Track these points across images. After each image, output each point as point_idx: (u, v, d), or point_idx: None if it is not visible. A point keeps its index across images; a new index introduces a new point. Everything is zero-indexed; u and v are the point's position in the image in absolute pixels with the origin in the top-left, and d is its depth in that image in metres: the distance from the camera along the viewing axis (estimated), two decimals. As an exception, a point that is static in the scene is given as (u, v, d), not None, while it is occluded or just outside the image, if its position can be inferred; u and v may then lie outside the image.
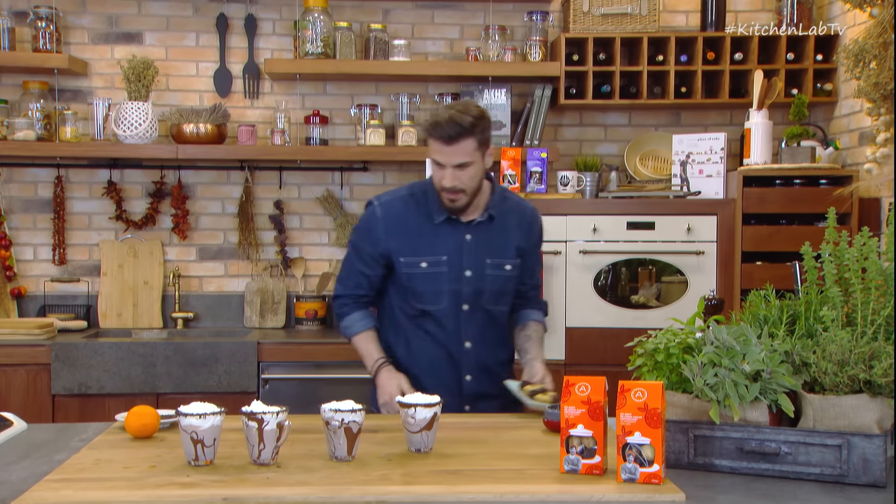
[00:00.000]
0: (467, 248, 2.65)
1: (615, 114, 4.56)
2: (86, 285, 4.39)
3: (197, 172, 4.44)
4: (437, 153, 2.53)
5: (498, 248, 2.68)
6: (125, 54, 4.28)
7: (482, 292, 2.67)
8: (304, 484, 1.79)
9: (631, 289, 4.00)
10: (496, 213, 2.67)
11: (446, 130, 2.48)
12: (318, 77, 4.39)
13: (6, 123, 4.14)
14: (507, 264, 2.69)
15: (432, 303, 2.66)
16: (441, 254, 2.64)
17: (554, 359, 3.90)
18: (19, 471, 1.90)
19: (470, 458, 2.00)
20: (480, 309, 2.68)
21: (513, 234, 2.71)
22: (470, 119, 2.49)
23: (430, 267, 2.64)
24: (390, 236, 2.65)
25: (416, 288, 2.65)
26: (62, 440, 2.18)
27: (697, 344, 1.97)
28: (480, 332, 2.69)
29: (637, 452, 1.77)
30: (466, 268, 2.65)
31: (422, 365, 2.70)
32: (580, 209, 3.97)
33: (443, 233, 2.64)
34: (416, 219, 2.65)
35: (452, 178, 2.53)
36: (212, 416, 1.92)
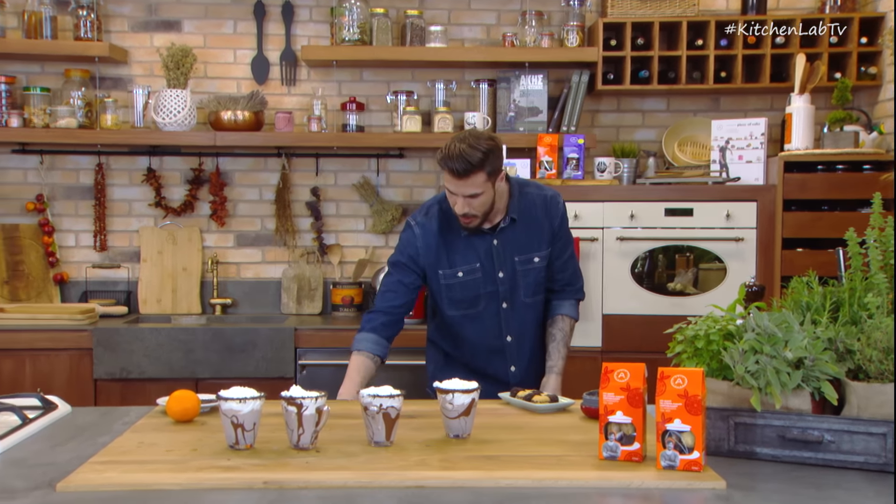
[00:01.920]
0: (496, 252, 2.80)
1: (653, 99, 4.51)
2: (126, 271, 4.45)
3: (235, 159, 4.47)
4: (449, 183, 2.66)
5: (524, 244, 2.81)
6: (164, 42, 4.32)
7: (517, 289, 2.82)
8: (343, 468, 1.80)
9: (668, 276, 3.97)
10: (517, 214, 2.80)
11: (456, 165, 2.59)
12: (355, 64, 4.40)
13: (49, 111, 4.20)
14: (535, 257, 2.82)
15: (472, 306, 2.83)
16: (474, 262, 2.80)
17: (590, 346, 3.90)
18: (65, 453, 1.93)
19: (508, 444, 2.00)
20: (519, 304, 2.83)
21: (538, 227, 2.82)
22: (479, 155, 2.58)
23: (466, 275, 2.80)
24: (429, 252, 2.80)
25: (455, 295, 2.82)
26: (105, 423, 2.21)
27: (738, 331, 1.95)
28: (520, 326, 2.85)
29: (677, 439, 1.75)
30: (499, 270, 2.80)
31: (468, 357, 2.89)
32: (617, 196, 3.95)
33: (473, 242, 2.80)
34: (449, 234, 2.81)
35: (464, 205, 2.68)
36: (252, 400, 1.94)
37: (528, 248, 2.81)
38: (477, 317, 2.84)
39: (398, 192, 4.53)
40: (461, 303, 2.83)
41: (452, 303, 2.83)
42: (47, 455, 1.92)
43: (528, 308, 2.85)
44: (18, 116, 4.16)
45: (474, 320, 2.84)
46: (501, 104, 4.37)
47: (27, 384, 3.78)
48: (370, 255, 4.49)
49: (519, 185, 2.85)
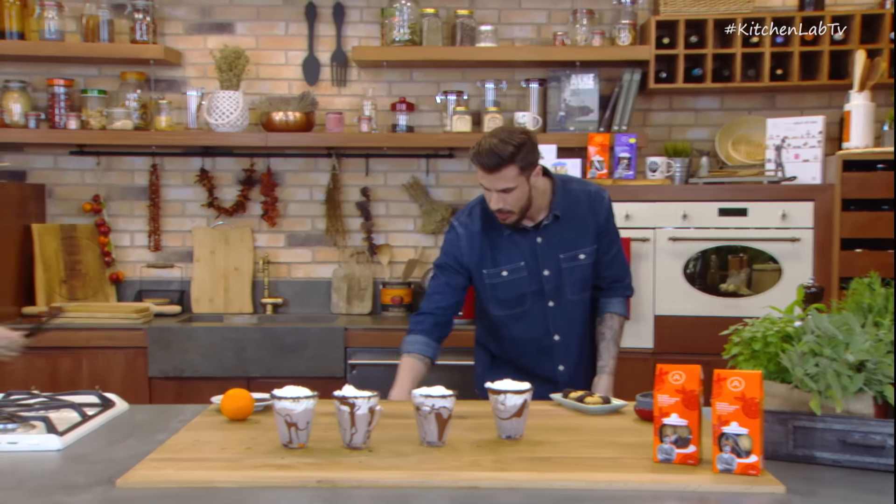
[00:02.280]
0: (541, 250, 2.78)
1: (706, 98, 4.46)
2: (179, 271, 4.52)
3: (286, 160, 4.52)
4: (482, 179, 2.65)
5: (568, 242, 2.78)
6: (217, 44, 4.38)
7: (563, 286, 2.80)
8: (396, 468, 1.81)
9: (720, 277, 3.92)
10: (560, 211, 2.77)
11: (486, 160, 2.59)
12: (405, 64, 4.42)
13: (105, 113, 4.29)
14: (580, 254, 2.79)
15: (518, 305, 2.81)
16: (518, 260, 2.78)
17: (642, 347, 3.86)
18: (123, 450, 1.97)
19: (561, 446, 1.99)
20: (566, 302, 2.81)
21: (583, 223, 2.80)
22: (510, 149, 2.57)
23: (510, 274, 2.79)
24: (472, 252, 2.80)
25: (500, 295, 2.81)
26: (161, 421, 2.25)
27: (797, 333, 1.91)
28: (567, 324, 2.83)
29: (734, 443, 1.73)
30: (543, 268, 2.78)
31: (516, 357, 2.88)
32: (670, 195, 3.91)
33: (516, 241, 2.78)
34: (493, 233, 2.79)
35: (498, 201, 2.66)
36: (305, 399, 1.95)
37: (573, 244, 2.79)
38: (523, 316, 2.82)
39: (448, 192, 4.53)
40: (507, 302, 2.81)
41: (498, 302, 2.82)
42: (106, 451, 1.96)
43: (575, 306, 2.83)
44: (76, 118, 4.26)
45: (520, 319, 2.83)
46: (552, 104, 4.35)
47: (84, 381, 3.86)
48: (420, 255, 4.50)
49: (562, 182, 2.83)
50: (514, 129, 2.66)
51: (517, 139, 2.60)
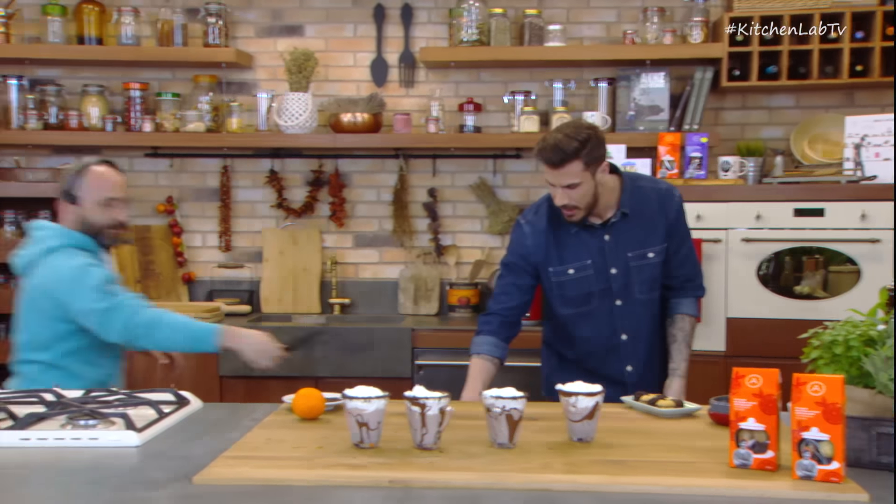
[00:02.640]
0: (608, 248, 2.75)
1: (781, 95, 4.37)
2: (249, 271, 4.60)
3: (353, 161, 4.56)
4: (547, 175, 2.64)
5: (637, 240, 2.75)
6: (287, 47, 4.44)
7: (631, 285, 2.76)
8: (467, 469, 1.81)
9: (795, 278, 3.83)
10: (629, 208, 2.74)
11: (550, 156, 2.57)
12: (473, 64, 4.42)
13: (179, 116, 4.39)
14: (649, 252, 2.76)
15: (585, 304, 2.79)
16: (585, 258, 2.75)
17: (714, 350, 3.81)
18: (198, 447, 2.01)
19: (634, 449, 1.97)
20: (634, 301, 2.77)
21: (653, 221, 2.76)
22: (575, 144, 2.55)
23: (577, 272, 2.76)
24: (537, 250, 2.78)
25: (567, 293, 2.79)
26: (234, 419, 2.28)
27: (880, 336, 1.86)
28: (636, 324, 2.79)
29: (814, 449, 1.69)
30: (611, 266, 2.75)
31: (583, 357, 2.85)
32: (743, 196, 3.84)
33: (584, 239, 2.76)
34: (559, 231, 2.77)
35: (563, 197, 2.64)
36: (376, 399, 1.97)
37: (642, 243, 2.75)
38: (590, 315, 2.79)
39: (515, 192, 4.53)
40: (573, 300, 2.79)
41: (564, 301, 2.80)
42: (183, 448, 2.00)
43: (644, 305, 2.79)
44: (151, 121, 4.36)
45: (587, 318, 2.80)
46: (621, 103, 4.31)
47: (158, 380, 3.95)
48: (487, 255, 4.50)
49: (631, 180, 2.79)
50: (580, 123, 2.64)
51: (583, 134, 2.58)
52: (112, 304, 2.61)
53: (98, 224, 2.78)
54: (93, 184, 2.76)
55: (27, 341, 2.73)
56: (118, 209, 2.80)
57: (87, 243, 2.77)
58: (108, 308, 2.60)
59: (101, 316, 2.61)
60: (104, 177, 2.79)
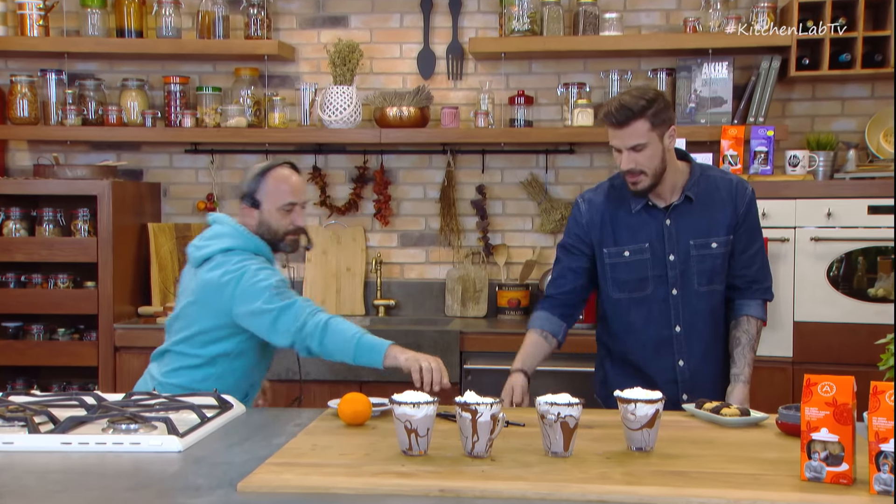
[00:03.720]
0: (668, 233, 2.73)
1: (855, 85, 4.30)
2: (291, 270, 4.63)
3: (399, 157, 4.58)
4: (612, 137, 2.64)
5: (701, 227, 2.73)
6: (331, 38, 4.47)
7: (690, 274, 2.73)
8: (520, 479, 1.81)
9: (868, 280, 3.77)
10: (694, 193, 2.72)
11: (615, 115, 2.59)
12: (524, 56, 4.41)
13: (219, 110, 4.44)
14: (713, 242, 2.73)
15: (638, 289, 2.76)
16: (643, 241, 2.74)
17: (780, 355, 3.76)
18: (241, 453, 2.03)
19: (696, 460, 1.96)
20: (692, 292, 2.74)
21: (719, 210, 2.74)
22: (642, 103, 2.58)
23: (632, 255, 2.75)
24: (593, 228, 2.78)
25: (620, 276, 2.77)
26: (278, 424, 2.31)
27: (964, 343, 1.82)
28: (691, 316, 2.75)
29: (894, 462, 1.66)
30: (669, 252, 2.73)
31: (635, 351, 2.81)
32: (812, 192, 3.79)
33: (643, 220, 2.74)
34: (617, 210, 2.77)
35: (628, 160, 2.62)
36: (425, 405, 1.97)
37: (705, 231, 2.73)
38: (644, 301, 2.76)
39: (568, 189, 4.51)
40: (626, 284, 2.77)
41: (617, 283, 2.78)
42: (225, 454, 2.03)
43: (702, 298, 2.75)
44: (191, 116, 4.42)
45: (641, 305, 2.77)
46: (681, 94, 4.27)
47: (198, 382, 4.00)
48: (537, 255, 4.49)
49: (701, 168, 2.80)
50: (645, 87, 2.67)
51: (649, 94, 2.61)
52: (286, 305, 2.64)
53: (278, 230, 2.84)
54: (274, 188, 2.81)
55: (187, 334, 2.76)
56: (297, 214, 2.86)
57: (264, 249, 2.83)
58: (282, 308, 2.63)
59: (275, 316, 2.63)
60: (286, 181, 2.84)
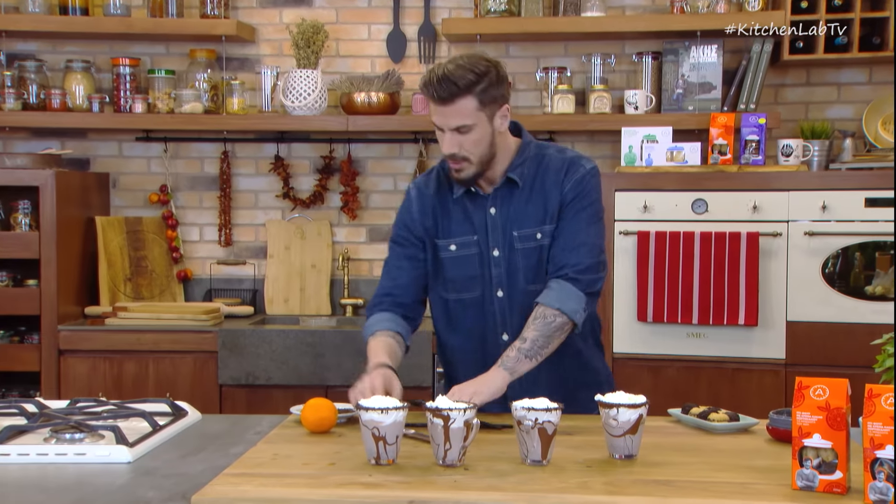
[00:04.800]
0: (492, 224, 2.52)
1: (851, 70, 4.34)
2: (252, 268, 4.62)
3: (368, 146, 4.57)
4: (433, 114, 2.42)
5: (525, 216, 2.51)
6: (294, 18, 4.45)
7: (515, 272, 2.52)
8: (495, 489, 1.81)
9: (866, 277, 3.81)
10: (519, 175, 2.50)
11: (437, 90, 2.36)
12: (501, 38, 4.41)
13: (173, 95, 4.41)
14: (537, 233, 2.50)
15: (466, 290, 2.57)
16: (469, 233, 2.54)
17: (772, 357, 3.80)
18: (197, 463, 2.02)
19: (682, 468, 1.97)
20: (519, 292, 2.53)
21: (549, 193, 2.51)
22: (470, 77, 2.34)
23: (458, 249, 2.56)
24: (425, 216, 2.58)
25: (447, 273, 2.57)
26: (237, 432, 2.30)
27: (963, 343, 1.85)
28: (522, 321, 2.47)
29: (890, 470, 1.68)
30: (493, 246, 2.53)
31: (462, 361, 2.62)
32: (806, 183, 3.82)
33: (467, 209, 2.54)
34: (443, 196, 2.58)
35: (451, 143, 2.41)
36: (394, 411, 1.97)
37: (531, 220, 2.50)
38: (472, 304, 2.55)
39: (548, 180, 4.51)
40: (454, 283, 2.56)
41: (445, 283, 2.58)
42: (179, 465, 2.01)
43: (531, 299, 2.47)
44: (142, 101, 4.38)
45: (469, 307, 2.56)
46: (667, 80, 4.29)
47: (150, 388, 3.99)
48: (516, 251, 4.49)
49: (537, 146, 2.56)
50: (478, 55, 2.44)
51: (480, 66, 2.37)
52: None
53: None
54: None
55: None
56: None
57: None
58: None
59: None
60: None
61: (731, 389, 3.77)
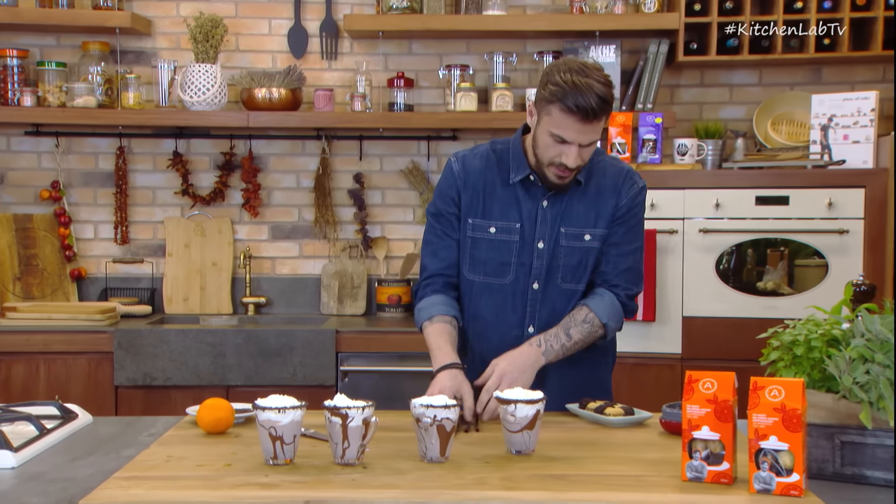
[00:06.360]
0: (542, 217, 2.56)
1: (743, 71, 4.46)
2: (150, 266, 4.53)
3: (269, 142, 4.53)
4: (566, 128, 2.37)
5: (578, 215, 2.56)
6: (192, 11, 4.38)
7: (556, 268, 2.57)
8: (392, 487, 1.82)
9: (758, 273, 3.92)
10: (584, 176, 2.55)
11: (591, 103, 2.32)
12: (403, 35, 4.42)
13: (65, 88, 4.29)
14: (586, 234, 2.57)
15: (496, 275, 2.59)
16: (513, 220, 2.57)
17: (669, 352, 3.88)
18: (86, 467, 1.98)
19: (577, 462, 2.00)
20: (555, 288, 2.58)
21: (602, 200, 2.57)
22: (612, 91, 2.37)
23: (498, 233, 2.57)
24: (465, 191, 2.58)
25: (479, 254, 2.59)
26: (130, 434, 2.26)
27: (844, 336, 1.91)
28: (549, 317, 2.57)
29: (773, 459, 1.73)
30: (539, 238, 2.56)
31: (478, 343, 2.64)
32: (700, 182, 3.92)
33: (518, 197, 2.57)
34: (492, 177, 2.58)
35: (578, 157, 2.42)
36: (292, 410, 1.96)
37: (582, 220, 2.56)
38: (500, 290, 2.57)
39: (451, 178, 4.53)
40: (485, 265, 2.57)
41: (475, 263, 2.58)
42: (67, 469, 1.97)
43: (564, 297, 2.57)
44: (32, 94, 4.25)
45: (496, 293, 2.58)
46: (568, 78, 4.34)
47: (41, 391, 3.87)
48: (419, 249, 4.50)
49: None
50: (593, 64, 2.41)
51: (608, 78, 2.38)
52: None
53: None
54: None
55: None
56: None
57: None
58: None
59: None
60: None
61: (631, 383, 3.84)
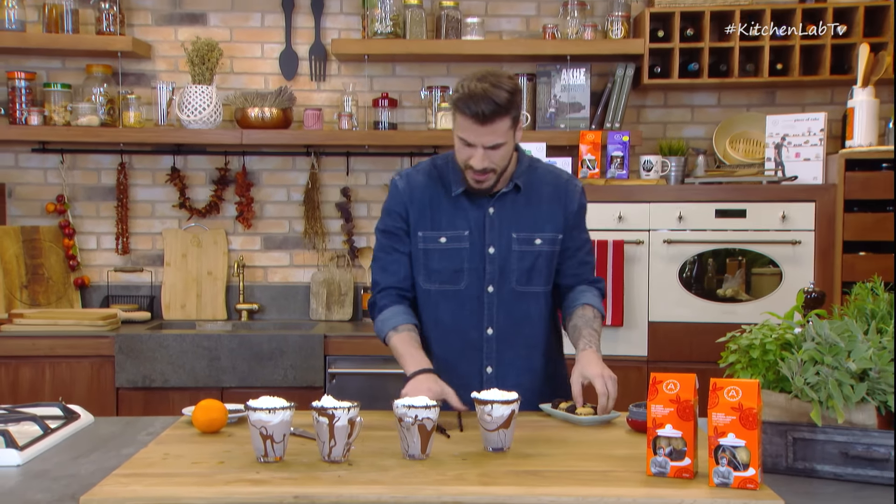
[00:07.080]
0: (490, 223, 2.52)
1: (703, 94, 4.49)
2: (149, 275, 4.51)
3: (262, 158, 4.51)
4: (467, 131, 2.35)
5: (526, 221, 2.53)
6: (189, 36, 4.37)
7: (509, 271, 2.53)
8: (376, 483, 1.81)
9: (718, 281, 3.94)
10: (523, 182, 2.52)
11: (481, 107, 2.28)
12: (387, 58, 4.42)
13: (70, 108, 4.27)
14: (536, 238, 2.54)
15: (452, 281, 2.54)
16: (462, 229, 2.52)
17: (635, 355, 3.88)
18: (88, 464, 1.96)
19: (550, 459, 2.00)
20: (509, 291, 2.54)
21: (546, 206, 2.55)
22: (506, 95, 2.30)
23: (449, 242, 2.53)
24: (412, 207, 2.54)
25: (433, 264, 2.55)
26: (129, 434, 2.24)
27: (797, 340, 1.93)
28: (506, 319, 2.54)
29: (731, 455, 1.74)
30: (489, 244, 2.53)
31: (441, 349, 2.58)
32: (664, 196, 3.93)
33: (464, 206, 2.52)
34: (436, 190, 2.54)
35: (483, 159, 2.38)
36: (281, 410, 1.95)
37: (531, 226, 2.52)
38: (455, 296, 2.53)
39: (432, 192, 4.53)
40: (439, 274, 2.54)
41: (429, 273, 2.54)
42: (69, 467, 1.95)
43: (519, 299, 2.53)
44: (39, 114, 4.23)
45: (452, 299, 2.54)
46: (541, 100, 4.36)
47: (47, 392, 3.84)
48: (403, 258, 4.50)
49: (529, 158, 2.59)
50: (500, 72, 2.36)
51: (509, 84, 2.32)
52: None
53: None
54: None
55: None
56: None
57: None
58: None
59: None
60: None
61: (599, 384, 3.84)
